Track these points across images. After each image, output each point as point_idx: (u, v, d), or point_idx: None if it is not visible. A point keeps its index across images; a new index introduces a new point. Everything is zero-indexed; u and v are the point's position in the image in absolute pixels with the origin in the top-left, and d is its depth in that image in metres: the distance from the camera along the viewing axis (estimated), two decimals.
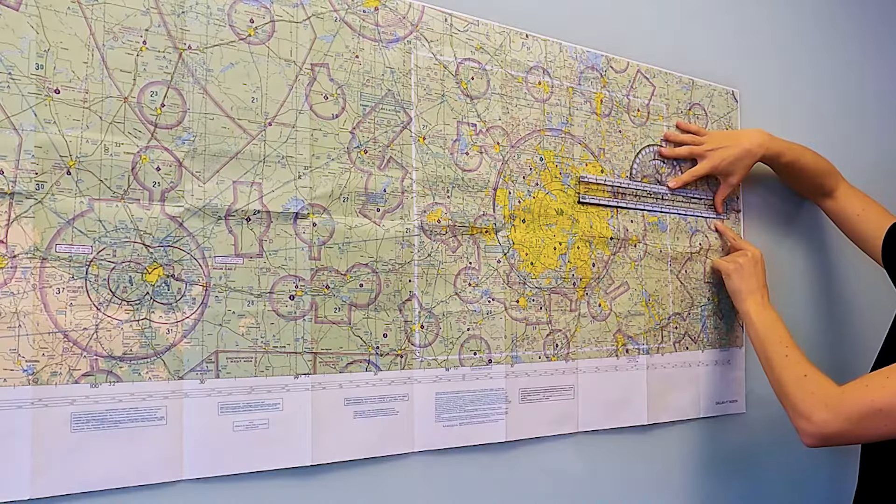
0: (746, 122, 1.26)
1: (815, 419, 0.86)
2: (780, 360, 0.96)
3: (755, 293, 1.08)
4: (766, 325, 1.03)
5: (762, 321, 1.04)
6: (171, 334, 0.73)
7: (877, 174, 1.44)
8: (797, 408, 0.89)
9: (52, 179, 0.68)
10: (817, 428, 0.86)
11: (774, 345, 0.99)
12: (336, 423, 0.82)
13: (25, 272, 0.67)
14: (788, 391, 0.92)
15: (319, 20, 0.83)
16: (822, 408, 0.86)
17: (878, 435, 0.85)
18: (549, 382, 0.99)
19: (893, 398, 0.81)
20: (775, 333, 1.01)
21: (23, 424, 0.66)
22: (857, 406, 0.83)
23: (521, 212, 0.98)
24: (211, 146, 0.76)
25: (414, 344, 0.88)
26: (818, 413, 0.86)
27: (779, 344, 0.99)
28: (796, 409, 0.89)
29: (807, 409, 0.87)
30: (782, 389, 0.94)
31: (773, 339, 1.00)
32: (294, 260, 0.80)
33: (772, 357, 0.98)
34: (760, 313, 1.05)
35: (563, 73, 1.03)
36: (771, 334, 1.01)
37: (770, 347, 1.00)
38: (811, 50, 1.39)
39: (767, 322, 1.04)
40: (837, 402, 0.85)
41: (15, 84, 0.67)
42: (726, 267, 1.13)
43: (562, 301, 1.01)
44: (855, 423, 0.83)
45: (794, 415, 0.90)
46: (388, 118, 0.87)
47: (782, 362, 0.96)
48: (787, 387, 0.92)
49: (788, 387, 0.92)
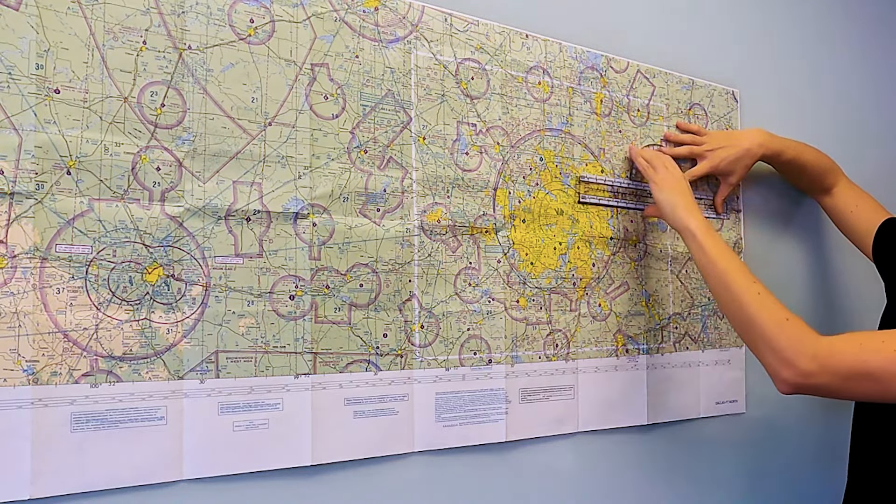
0: (746, 122, 1.26)
1: (802, 368, 0.80)
2: (753, 298, 0.86)
3: (696, 210, 0.96)
4: (723, 251, 0.91)
5: (717, 245, 0.92)
6: (171, 334, 0.73)
7: (877, 174, 1.44)
8: (781, 353, 0.82)
9: (52, 179, 0.68)
10: (801, 377, 0.80)
11: (740, 276, 0.88)
12: (336, 423, 0.82)
13: (25, 272, 0.67)
14: (768, 334, 0.83)
15: (319, 20, 0.83)
16: (810, 359, 0.80)
17: (860, 396, 0.83)
18: (549, 382, 0.99)
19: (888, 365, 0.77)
20: (737, 262, 0.90)
21: (23, 424, 0.66)
22: (848, 364, 0.79)
23: (521, 212, 0.98)
24: (211, 146, 0.76)
25: (414, 344, 0.88)
26: (805, 363, 0.80)
27: (745, 277, 0.88)
28: (779, 355, 0.82)
29: (792, 358, 0.81)
30: (757, 331, 0.84)
31: (737, 269, 0.89)
32: (294, 260, 0.80)
33: (740, 291, 0.87)
34: (710, 233, 0.93)
35: (563, 73, 1.03)
36: (732, 263, 0.90)
37: (735, 279, 0.88)
38: (811, 50, 1.39)
39: (723, 247, 0.92)
40: (827, 356, 0.79)
41: (15, 84, 0.67)
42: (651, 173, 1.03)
43: (562, 301, 1.01)
44: (842, 380, 0.79)
45: (776, 360, 0.82)
46: (388, 118, 0.87)
47: (755, 300, 0.85)
48: (767, 329, 0.83)
49: (768, 330, 0.83)
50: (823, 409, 1.34)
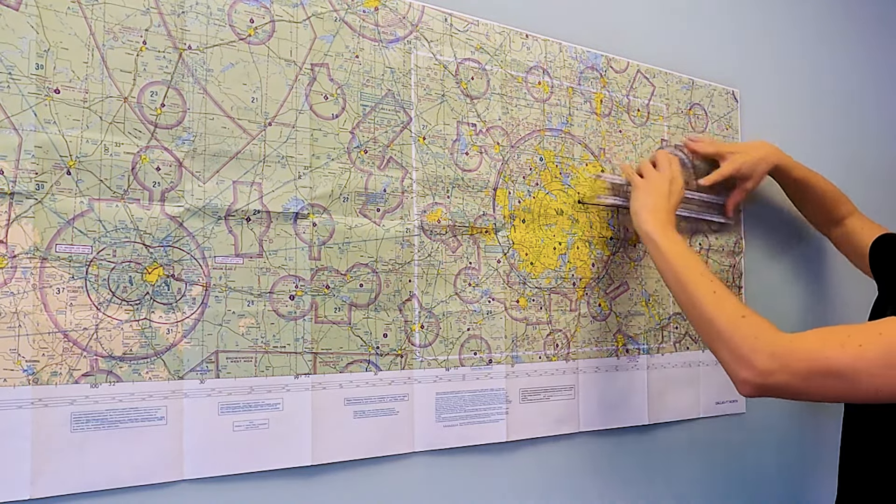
0: (746, 122, 1.26)
1: (759, 367, 0.76)
2: (709, 297, 0.83)
3: (660, 213, 0.94)
4: (680, 253, 0.88)
5: (674, 247, 0.89)
6: (171, 334, 0.73)
7: (877, 174, 1.44)
8: (736, 352, 0.78)
9: (52, 179, 0.68)
10: (760, 377, 0.76)
11: (696, 276, 0.85)
12: (336, 423, 0.82)
13: (25, 272, 0.67)
14: (724, 333, 0.79)
15: (319, 20, 0.83)
16: (767, 356, 0.75)
17: (825, 395, 0.78)
18: (550, 382, 0.99)
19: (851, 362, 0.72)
20: (694, 263, 0.87)
21: (23, 424, 0.66)
22: (809, 363, 0.74)
23: (521, 212, 0.98)
24: (211, 146, 0.76)
25: (414, 344, 0.88)
26: (762, 361, 0.75)
27: (701, 277, 0.85)
28: (735, 354, 0.78)
29: (748, 356, 0.76)
30: (714, 330, 0.81)
31: (694, 270, 0.86)
32: (294, 260, 0.80)
33: (696, 291, 0.84)
34: (668, 236, 0.90)
35: (563, 73, 1.03)
36: (689, 263, 0.87)
37: (691, 279, 0.85)
38: (811, 50, 1.39)
39: (681, 249, 0.89)
40: (786, 353, 0.75)
41: (15, 84, 0.67)
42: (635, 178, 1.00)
43: (562, 301, 1.01)
44: (802, 380, 0.75)
45: (733, 359, 0.78)
46: (388, 118, 0.87)
47: (711, 299, 0.82)
48: (722, 328, 0.80)
49: (724, 328, 0.80)
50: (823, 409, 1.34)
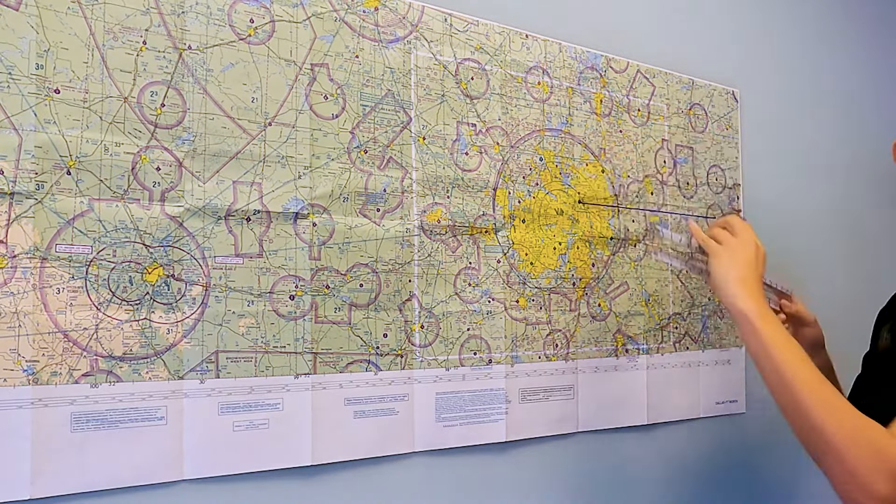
0: (746, 122, 1.26)
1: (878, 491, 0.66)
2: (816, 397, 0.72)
3: (751, 285, 0.80)
4: (782, 342, 0.75)
5: (775, 333, 0.76)
6: (171, 334, 0.73)
7: (876, 174, 1.44)
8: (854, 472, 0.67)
9: (52, 179, 0.68)
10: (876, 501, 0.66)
11: (802, 372, 0.73)
12: (336, 423, 0.82)
13: (25, 272, 0.67)
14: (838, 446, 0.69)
15: (319, 20, 0.83)
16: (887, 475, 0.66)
17: None
18: (549, 382, 0.99)
19: None
20: (797, 354, 0.75)
21: (23, 424, 0.66)
22: None
23: (521, 212, 0.98)
24: (211, 146, 0.76)
25: (414, 344, 0.88)
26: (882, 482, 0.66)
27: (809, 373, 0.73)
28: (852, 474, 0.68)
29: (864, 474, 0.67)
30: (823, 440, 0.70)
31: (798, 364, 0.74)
32: (294, 260, 0.80)
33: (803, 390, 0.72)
34: (767, 318, 0.77)
35: (563, 74, 1.03)
36: (794, 356, 0.75)
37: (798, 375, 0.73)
38: (811, 50, 1.39)
39: (782, 337, 0.76)
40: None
41: (15, 84, 0.67)
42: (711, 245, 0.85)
43: (561, 301, 1.01)
44: None
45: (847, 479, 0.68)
46: (388, 118, 0.87)
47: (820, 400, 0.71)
48: (835, 439, 0.69)
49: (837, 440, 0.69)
50: None
